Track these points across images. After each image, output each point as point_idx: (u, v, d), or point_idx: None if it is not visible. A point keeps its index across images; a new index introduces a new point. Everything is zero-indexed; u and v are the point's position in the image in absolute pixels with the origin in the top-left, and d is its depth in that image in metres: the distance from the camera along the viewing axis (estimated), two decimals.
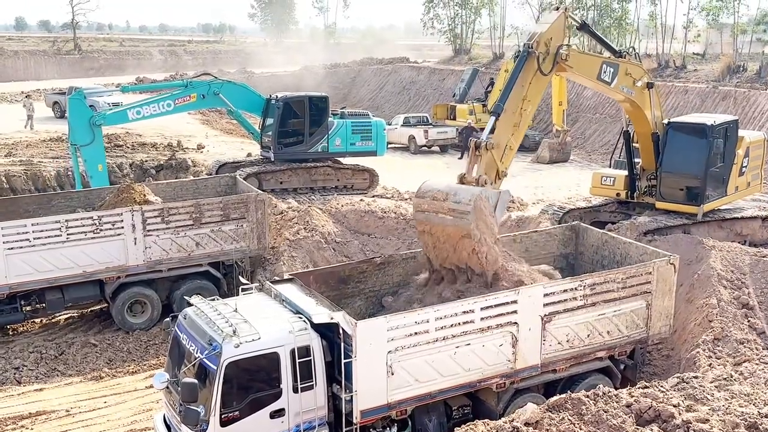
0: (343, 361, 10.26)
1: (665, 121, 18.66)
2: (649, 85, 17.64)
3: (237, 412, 9.92)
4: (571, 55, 15.35)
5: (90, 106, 42.72)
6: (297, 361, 10.17)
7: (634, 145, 19.29)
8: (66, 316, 18.82)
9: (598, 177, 20.12)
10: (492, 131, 13.79)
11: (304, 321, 10.43)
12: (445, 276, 12.73)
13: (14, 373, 15.76)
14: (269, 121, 25.96)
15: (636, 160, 19.30)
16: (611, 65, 16.83)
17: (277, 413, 10.20)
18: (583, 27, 17.39)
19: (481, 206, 12.14)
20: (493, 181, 13.60)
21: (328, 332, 10.53)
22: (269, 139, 25.83)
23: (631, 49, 18.24)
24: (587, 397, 10.14)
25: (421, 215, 12.67)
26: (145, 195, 18.57)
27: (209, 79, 25.51)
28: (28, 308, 17.23)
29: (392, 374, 10.44)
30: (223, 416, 9.80)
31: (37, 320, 18.28)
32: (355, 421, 10.37)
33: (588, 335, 12.17)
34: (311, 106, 25.79)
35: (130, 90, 27.76)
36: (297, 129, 25.75)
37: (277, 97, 25.89)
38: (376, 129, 26.84)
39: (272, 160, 25.69)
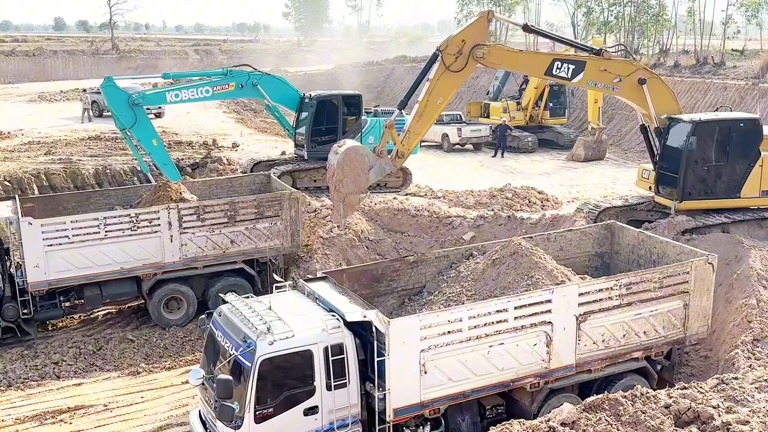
0: (376, 359, 10.27)
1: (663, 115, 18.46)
2: (641, 81, 17.39)
3: (271, 409, 9.99)
4: (491, 53, 16.04)
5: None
6: (330, 358, 10.21)
7: None
8: (104, 312, 19.12)
9: (641, 170, 20.31)
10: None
11: (338, 319, 10.47)
12: None
13: (54, 368, 16.05)
14: (303, 119, 26.07)
15: None
16: (569, 62, 16.93)
17: (311, 410, 10.25)
18: (526, 28, 17.80)
19: (351, 156, 15.10)
20: (393, 158, 15.72)
21: (362, 330, 10.55)
22: (303, 137, 25.94)
23: (618, 47, 18.36)
24: (625, 397, 10.01)
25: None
26: (181, 193, 18.77)
27: (249, 70, 25.72)
28: (67, 304, 17.52)
29: (425, 373, 10.42)
30: (257, 413, 9.88)
31: (76, 316, 18.61)
32: (388, 419, 10.38)
33: (624, 335, 12.03)
34: (344, 104, 25.87)
35: (172, 77, 27.79)
36: (330, 127, 25.81)
37: (310, 95, 25.98)
38: None
39: (306, 158, 25.79)
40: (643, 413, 9.59)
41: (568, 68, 16.87)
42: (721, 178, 18.19)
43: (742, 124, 18.24)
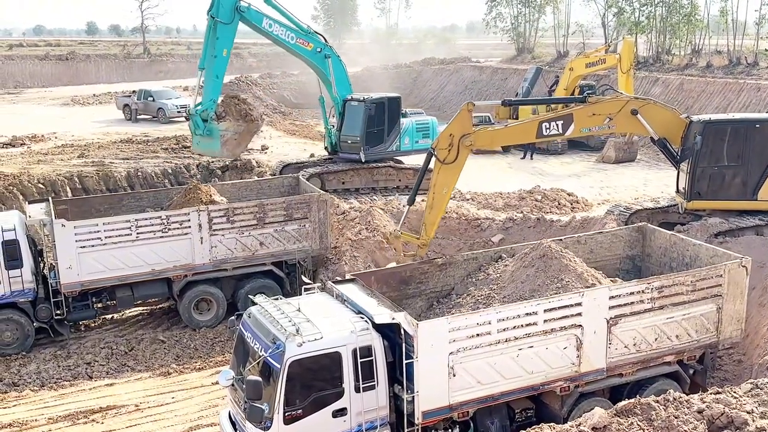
0: (404, 361, 10.26)
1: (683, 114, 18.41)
2: (633, 112, 17.15)
3: (300, 411, 10.01)
4: (478, 139, 16.34)
5: (159, 108, 43.84)
6: (359, 360, 10.21)
7: None
8: (135, 313, 19.33)
9: None
10: (404, 220, 17.53)
11: (366, 321, 10.46)
12: None
13: (86, 368, 16.27)
14: (351, 121, 26.03)
15: None
16: (556, 120, 16.89)
17: (340, 412, 10.26)
18: (505, 103, 18.21)
19: None
20: (417, 249, 16.93)
21: (390, 333, 10.54)
22: (354, 139, 25.89)
23: (603, 88, 18.50)
24: (657, 402, 9.87)
25: None
26: (211, 195, 18.93)
27: (323, 42, 26.47)
28: (99, 305, 17.76)
29: (454, 375, 10.38)
30: (286, 414, 9.91)
31: (108, 317, 18.83)
32: (416, 422, 10.36)
33: (656, 339, 11.88)
34: (389, 106, 26.12)
35: (272, 6, 27.92)
36: (380, 129, 26.06)
37: (363, 98, 26.08)
38: (433, 127, 27.14)
39: (363, 160, 25.84)
40: (676, 418, 9.46)
41: (557, 125, 16.93)
42: (735, 179, 17.88)
43: (758, 125, 17.87)
